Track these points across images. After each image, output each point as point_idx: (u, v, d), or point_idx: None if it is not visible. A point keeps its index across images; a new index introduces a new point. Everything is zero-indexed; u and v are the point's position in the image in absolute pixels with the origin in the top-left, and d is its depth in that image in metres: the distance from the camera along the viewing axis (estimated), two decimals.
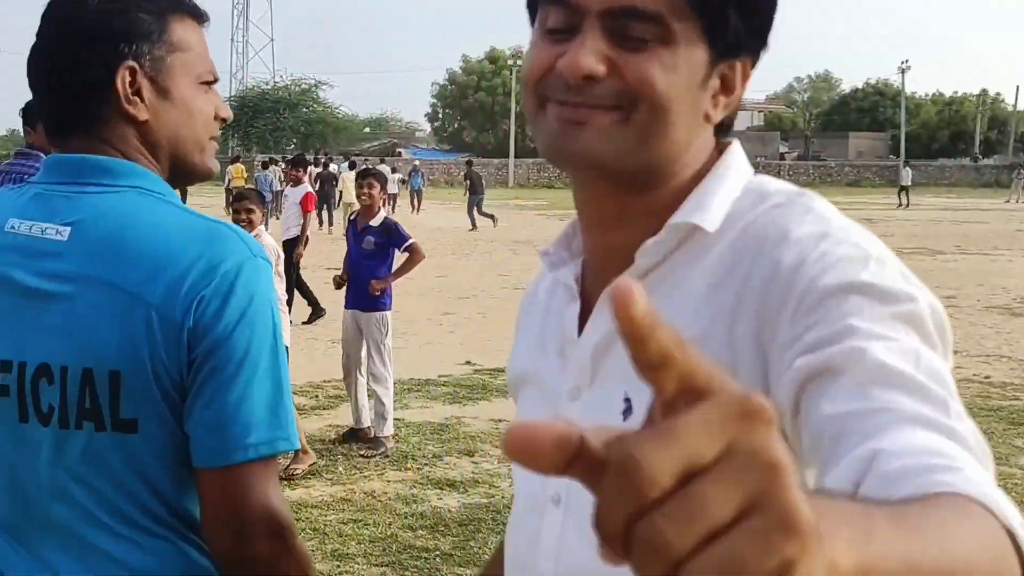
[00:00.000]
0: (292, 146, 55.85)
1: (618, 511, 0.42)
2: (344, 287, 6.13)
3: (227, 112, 1.46)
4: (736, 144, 1.02)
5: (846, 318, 0.80)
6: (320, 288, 9.84)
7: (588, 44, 0.89)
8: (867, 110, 75.17)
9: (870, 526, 0.49)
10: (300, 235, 10.03)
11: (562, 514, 0.97)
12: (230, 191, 23.84)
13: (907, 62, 65.94)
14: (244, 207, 5.47)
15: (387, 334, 5.98)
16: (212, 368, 1.24)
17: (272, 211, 19.97)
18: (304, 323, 9.69)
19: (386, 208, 7.73)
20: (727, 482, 0.41)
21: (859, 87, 78.85)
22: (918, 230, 24.07)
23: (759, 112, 78.72)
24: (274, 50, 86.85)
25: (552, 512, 0.99)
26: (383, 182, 6.43)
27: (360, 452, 5.79)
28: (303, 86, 63.45)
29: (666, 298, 0.93)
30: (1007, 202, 41.69)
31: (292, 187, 11.03)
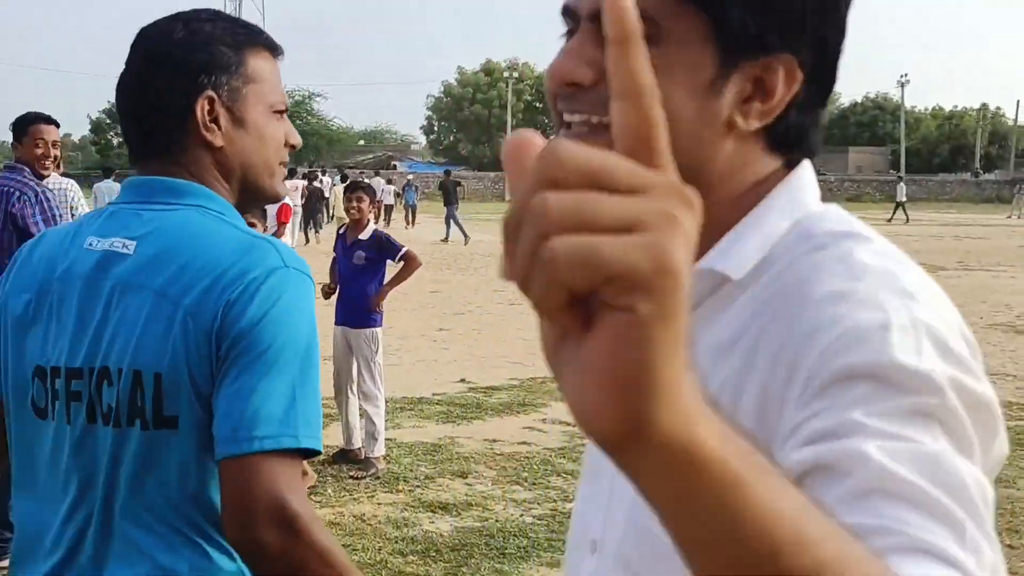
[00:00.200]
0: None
1: (528, 184, 0.44)
2: (333, 296, 5.90)
3: (296, 139, 1.56)
4: (803, 167, 0.90)
5: (851, 409, 0.68)
6: None
7: (574, 49, 0.84)
8: (867, 124, 75.45)
9: (751, 453, 0.48)
10: None
11: (596, 562, 0.92)
12: None
13: (906, 76, 66.66)
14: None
15: (377, 351, 5.79)
16: (231, 363, 1.32)
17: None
18: None
19: (379, 221, 7.55)
20: (626, 207, 0.43)
21: (858, 101, 79.08)
22: (919, 246, 23.88)
23: None
24: None
25: (588, 560, 0.93)
26: (372, 195, 6.24)
27: (350, 474, 5.60)
28: (297, 98, 63.14)
29: (693, 350, 0.78)
30: (1009, 217, 41.88)
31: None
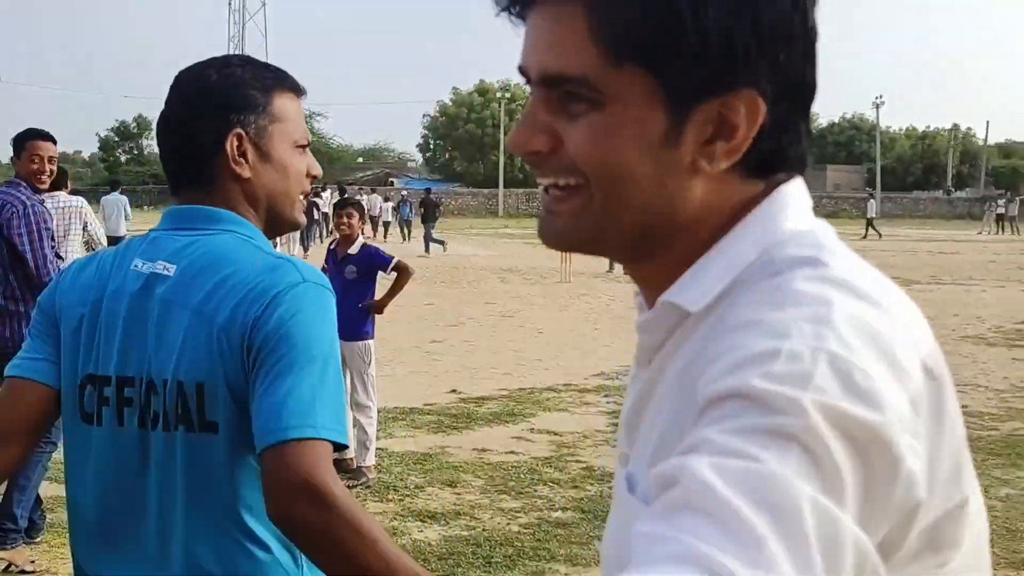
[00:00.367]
0: None
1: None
2: None
3: (317, 170, 1.66)
4: (780, 190, 0.82)
5: (711, 427, 0.66)
6: None
7: (528, 119, 0.83)
8: (843, 144, 75.90)
9: None
10: None
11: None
12: None
13: (881, 97, 66.87)
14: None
15: (370, 363, 5.86)
16: (260, 370, 1.42)
17: None
18: None
19: (377, 236, 7.59)
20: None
21: (836, 121, 79.31)
22: (894, 260, 24.06)
23: None
24: None
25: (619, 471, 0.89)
26: (361, 211, 6.33)
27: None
28: None
29: (658, 384, 0.82)
30: (979, 233, 42.17)
31: None
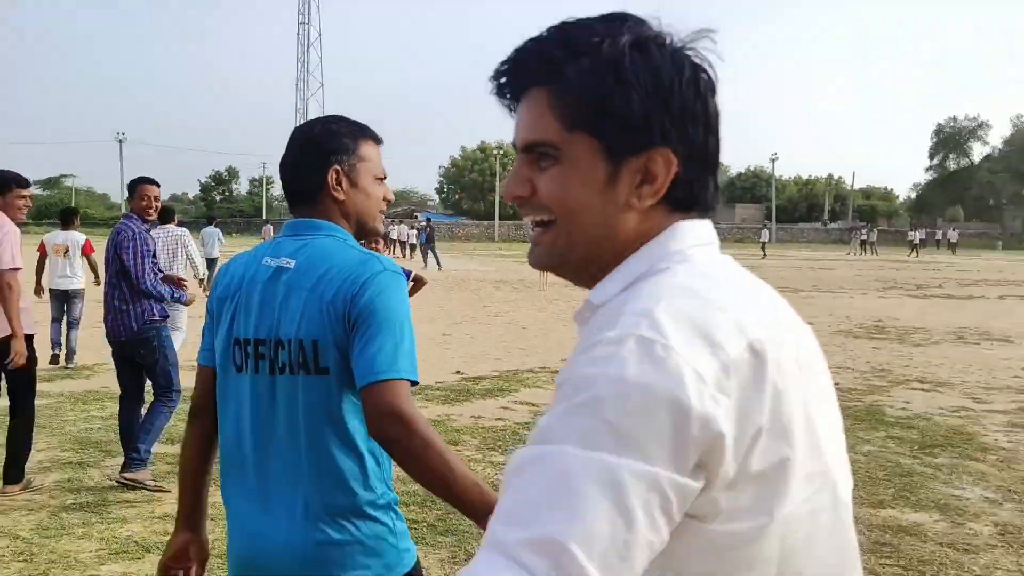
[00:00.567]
0: None
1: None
2: None
3: (391, 196, 1.72)
4: (677, 225, 0.82)
5: (545, 414, 0.72)
6: None
7: (514, 174, 0.84)
8: (748, 188, 76.37)
9: None
10: None
11: None
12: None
13: (776, 154, 67.40)
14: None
15: None
16: (357, 332, 1.49)
17: None
18: None
19: (405, 256, 7.43)
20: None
21: (742, 171, 79.51)
22: (784, 274, 24.20)
23: None
24: None
25: None
26: (385, 238, 6.23)
27: None
28: None
29: None
30: (847, 255, 42.22)
31: None
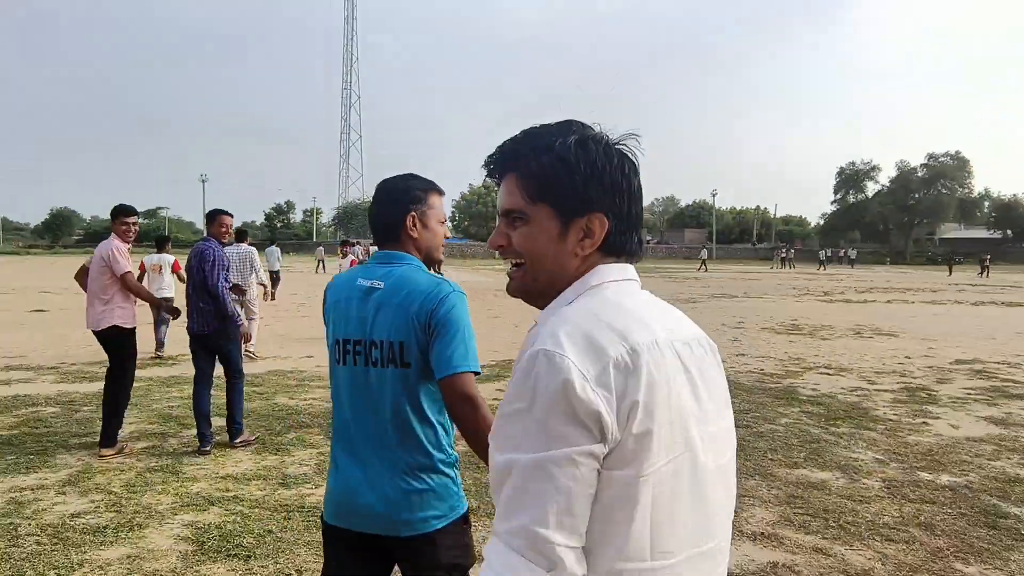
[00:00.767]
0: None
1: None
2: None
3: (449, 234, 1.92)
4: (601, 266, 0.98)
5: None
6: None
7: (497, 229, 1.00)
8: (694, 216, 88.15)
9: None
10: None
11: None
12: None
13: (715, 190, 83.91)
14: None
15: None
16: (434, 337, 1.69)
17: None
18: None
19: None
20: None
21: (689, 203, 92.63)
22: (722, 283, 26.22)
23: None
24: (363, 181, 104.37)
25: None
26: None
27: None
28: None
29: None
30: (771, 269, 47.34)
31: (342, 258, 13.25)
